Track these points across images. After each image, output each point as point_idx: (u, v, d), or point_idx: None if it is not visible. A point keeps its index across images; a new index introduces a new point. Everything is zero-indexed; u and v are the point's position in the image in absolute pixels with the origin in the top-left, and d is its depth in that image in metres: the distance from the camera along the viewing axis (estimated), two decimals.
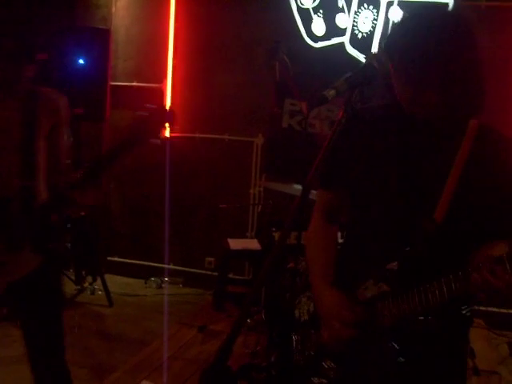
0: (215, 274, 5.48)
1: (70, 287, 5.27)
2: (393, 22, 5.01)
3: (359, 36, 5.11)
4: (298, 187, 3.89)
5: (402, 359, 1.59)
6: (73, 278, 5.40)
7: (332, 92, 1.34)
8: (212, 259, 5.66)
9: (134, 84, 5.75)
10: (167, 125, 2.25)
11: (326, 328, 1.67)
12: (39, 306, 2.47)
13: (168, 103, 5.63)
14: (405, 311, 1.56)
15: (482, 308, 5.04)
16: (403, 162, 1.62)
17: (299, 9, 5.21)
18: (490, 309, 5.06)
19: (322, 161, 1.37)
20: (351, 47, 5.12)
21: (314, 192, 1.69)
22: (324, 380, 1.68)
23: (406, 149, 1.60)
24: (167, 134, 5.62)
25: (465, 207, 1.57)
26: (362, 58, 5.06)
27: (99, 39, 5.18)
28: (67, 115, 2.50)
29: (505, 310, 5.01)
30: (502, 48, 4.90)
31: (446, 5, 4.94)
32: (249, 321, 4.22)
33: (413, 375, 1.63)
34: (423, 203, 1.60)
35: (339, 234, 1.90)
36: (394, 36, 1.52)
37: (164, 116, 2.22)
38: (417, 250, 1.58)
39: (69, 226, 5.21)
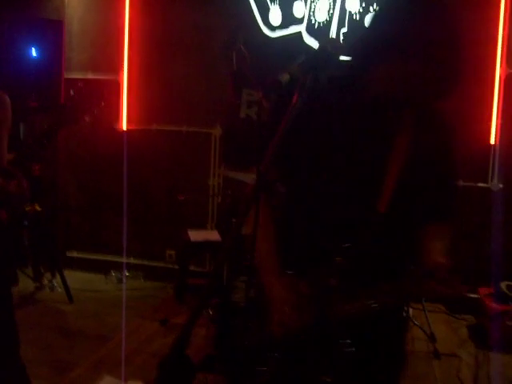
0: (176, 266, 5.44)
1: (28, 284, 5.17)
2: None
3: (316, 25, 5.12)
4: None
5: (349, 349, 1.61)
6: (31, 274, 5.29)
7: (286, 77, 1.32)
8: (172, 252, 5.62)
9: (89, 76, 5.64)
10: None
11: (276, 313, 1.63)
12: None
13: (124, 95, 5.55)
14: (355, 307, 1.57)
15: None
16: (346, 151, 1.59)
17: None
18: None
19: (275, 148, 1.34)
20: (308, 36, 5.13)
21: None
22: (267, 368, 1.65)
23: (349, 137, 1.56)
24: (124, 126, 5.56)
25: (407, 196, 1.58)
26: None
27: (52, 30, 5.07)
28: (9, 113, 2.54)
29: (464, 295, 5.09)
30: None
31: None
32: (211, 312, 4.21)
33: (359, 362, 1.64)
34: (367, 194, 1.59)
35: None
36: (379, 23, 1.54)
37: (93, 95, 2.34)
38: (362, 241, 1.57)
39: (26, 222, 5.11)
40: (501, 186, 4.97)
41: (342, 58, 1.52)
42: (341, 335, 1.60)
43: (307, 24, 5.12)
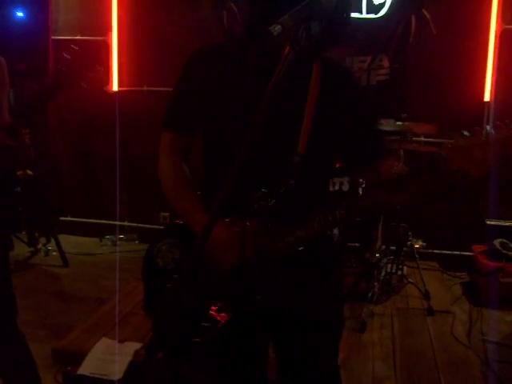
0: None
1: (23, 250, 5.18)
2: None
3: None
4: None
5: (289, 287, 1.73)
6: (25, 240, 5.29)
7: (278, 27, 1.28)
8: (166, 214, 5.60)
9: (78, 38, 5.53)
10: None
11: (217, 252, 1.67)
12: None
13: (114, 56, 5.46)
14: (290, 242, 1.66)
15: (435, 251, 5.17)
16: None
17: None
18: (443, 251, 5.18)
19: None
20: None
21: None
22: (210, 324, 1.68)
23: (264, 82, 1.48)
24: (115, 87, 5.48)
25: (323, 134, 1.71)
26: None
27: None
28: (4, 72, 2.47)
29: (458, 252, 5.14)
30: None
31: None
32: None
33: (298, 300, 1.76)
34: (286, 138, 1.69)
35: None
36: None
37: (88, 57, 2.28)
38: (286, 182, 1.66)
39: (18, 188, 5.08)
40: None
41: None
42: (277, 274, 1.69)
43: None
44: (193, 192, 1.80)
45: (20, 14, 4.81)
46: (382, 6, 4.96)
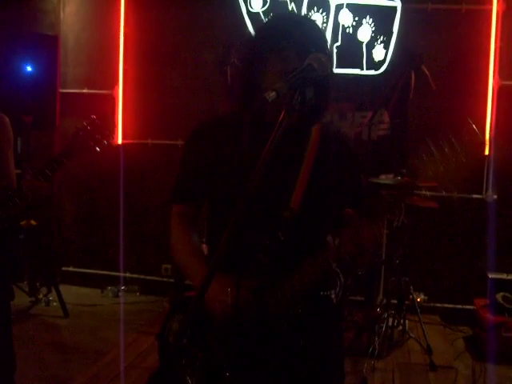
0: (172, 280, 5.43)
1: (24, 299, 5.16)
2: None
3: None
4: None
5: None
6: (26, 289, 5.28)
7: (273, 94, 1.33)
8: (168, 266, 5.61)
9: (85, 91, 5.66)
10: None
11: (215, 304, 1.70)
12: None
13: (119, 110, 5.57)
14: (289, 300, 1.70)
15: (437, 305, 5.14)
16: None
17: (249, 13, 5.22)
18: (445, 305, 5.15)
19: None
20: None
21: None
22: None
23: (260, 149, 1.53)
24: (119, 140, 5.56)
25: (316, 193, 1.78)
26: None
27: (47, 45, 5.09)
28: (9, 132, 2.67)
29: (459, 306, 5.11)
30: (446, 49, 5.03)
31: (395, 8, 5.05)
32: None
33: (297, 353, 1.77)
34: (281, 196, 1.76)
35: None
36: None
37: (106, 126, 2.41)
38: (279, 238, 1.73)
39: (21, 236, 5.11)
40: (495, 197, 4.99)
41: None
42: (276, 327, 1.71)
43: None
44: (203, 262, 1.84)
45: (29, 68, 4.92)
46: (382, 62, 5.08)
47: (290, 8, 5.13)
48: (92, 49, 5.75)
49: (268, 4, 5.17)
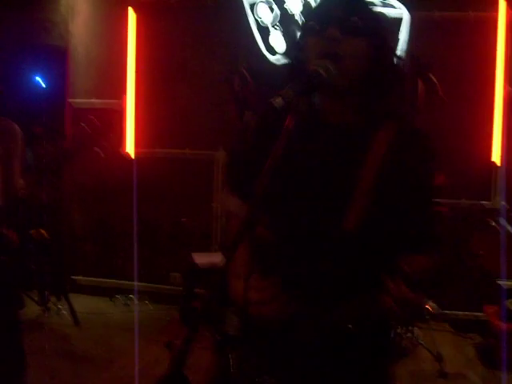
0: (181, 289, 5.44)
1: (33, 308, 5.17)
2: None
3: None
4: None
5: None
6: (36, 298, 5.30)
7: (279, 100, 1.33)
8: (177, 274, 5.62)
9: (94, 101, 5.70)
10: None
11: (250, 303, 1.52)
12: None
13: (129, 120, 5.60)
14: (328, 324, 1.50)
15: (446, 312, 5.11)
16: (317, 171, 1.55)
17: (258, 25, 5.25)
18: (454, 312, 5.13)
19: (266, 171, 1.32)
20: None
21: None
22: None
23: (318, 156, 1.54)
24: (131, 151, 5.59)
25: (378, 214, 1.49)
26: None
27: (57, 57, 5.17)
28: (20, 143, 2.73)
29: (469, 313, 5.09)
30: (454, 57, 5.03)
31: (401, 16, 5.03)
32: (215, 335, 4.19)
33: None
34: (336, 212, 1.51)
35: None
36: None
37: (104, 127, 2.45)
38: (330, 262, 1.50)
39: (31, 246, 5.13)
40: (503, 203, 4.97)
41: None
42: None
43: None
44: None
45: (39, 79, 4.98)
46: None
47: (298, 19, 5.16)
48: (101, 60, 5.79)
49: (275, 15, 5.20)
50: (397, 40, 5.03)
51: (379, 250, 1.51)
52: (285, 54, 5.18)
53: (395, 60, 1.57)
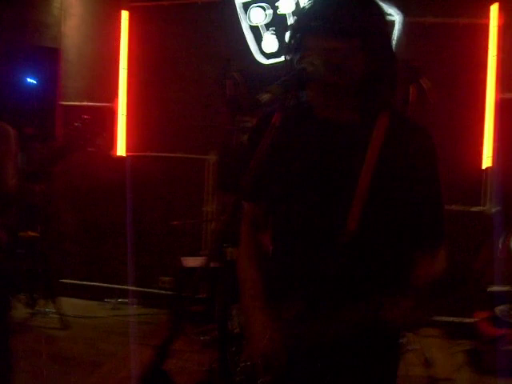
0: (170, 292, 5.42)
1: (21, 311, 5.14)
2: None
3: None
4: None
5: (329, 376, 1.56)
6: (25, 301, 5.26)
7: (266, 96, 1.33)
8: (166, 278, 5.60)
9: (86, 103, 5.69)
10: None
11: (256, 345, 1.58)
12: None
13: (120, 122, 5.59)
14: (330, 329, 1.51)
15: (436, 317, 5.10)
16: (316, 169, 1.55)
17: (250, 26, 5.25)
18: (444, 318, 5.12)
19: (250, 171, 1.32)
20: None
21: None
22: None
23: (318, 154, 1.55)
24: (122, 152, 5.58)
25: (378, 211, 1.49)
26: None
27: (49, 58, 5.16)
28: (13, 144, 2.74)
29: (459, 319, 5.08)
30: (445, 63, 5.05)
31: (393, 21, 5.04)
32: (202, 338, 4.20)
33: None
34: (335, 215, 1.50)
35: None
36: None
37: (97, 126, 2.46)
38: (333, 263, 1.49)
39: (20, 249, 5.10)
40: (495, 209, 4.98)
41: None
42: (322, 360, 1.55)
43: None
44: (259, 274, 1.68)
45: (31, 80, 4.96)
46: None
47: (290, 22, 5.17)
48: (93, 62, 5.79)
49: (267, 17, 5.21)
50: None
51: (383, 249, 1.52)
52: (276, 54, 5.19)
53: (391, 57, 1.54)
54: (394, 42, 5.01)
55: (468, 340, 4.90)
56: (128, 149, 5.63)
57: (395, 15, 5.01)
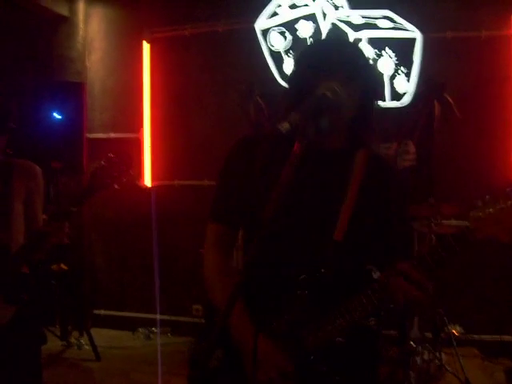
0: (203, 321, 5.38)
1: (55, 343, 5.16)
2: None
3: None
4: None
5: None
6: (58, 333, 5.29)
7: (286, 125, 1.32)
8: (199, 306, 5.57)
9: (112, 135, 5.76)
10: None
11: (263, 374, 1.61)
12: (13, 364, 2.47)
13: (146, 152, 5.64)
14: (329, 332, 1.63)
15: (474, 336, 4.99)
16: (302, 190, 1.68)
17: (271, 52, 5.28)
18: (483, 337, 5.01)
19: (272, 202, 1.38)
20: None
21: None
22: None
23: (303, 177, 1.62)
24: (149, 182, 5.62)
25: (361, 226, 1.71)
26: None
27: (74, 93, 5.21)
28: (40, 182, 2.80)
29: (498, 337, 4.96)
30: (468, 77, 5.00)
31: (414, 38, 5.01)
32: None
33: None
34: (323, 227, 1.70)
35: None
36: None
37: (123, 163, 2.47)
38: (320, 271, 1.66)
39: (53, 281, 5.14)
40: None
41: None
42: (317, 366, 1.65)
43: None
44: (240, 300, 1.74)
45: (57, 115, 5.03)
46: (404, 93, 5.07)
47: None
48: (117, 94, 5.87)
49: (287, 42, 5.23)
50: (411, 62, 5.01)
51: (363, 255, 1.76)
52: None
53: (378, 96, 1.82)
54: (415, 60, 4.99)
55: (508, 359, 4.78)
56: (154, 178, 5.66)
57: (415, 31, 4.98)
